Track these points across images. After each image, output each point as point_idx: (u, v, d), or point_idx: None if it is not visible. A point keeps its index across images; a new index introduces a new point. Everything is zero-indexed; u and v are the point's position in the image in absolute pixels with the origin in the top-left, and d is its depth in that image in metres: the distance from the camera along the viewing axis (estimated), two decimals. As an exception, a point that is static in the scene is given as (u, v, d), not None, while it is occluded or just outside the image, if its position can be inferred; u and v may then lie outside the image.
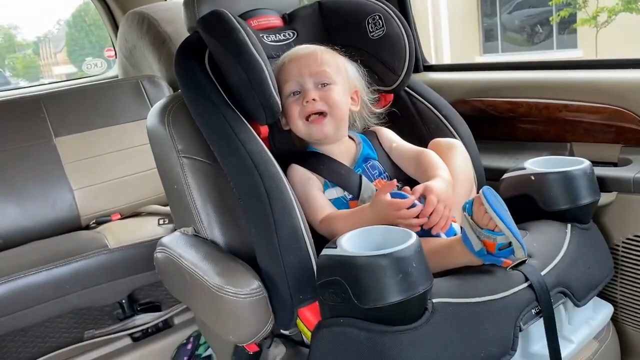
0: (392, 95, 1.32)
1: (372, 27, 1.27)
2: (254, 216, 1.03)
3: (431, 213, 0.99)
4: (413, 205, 0.99)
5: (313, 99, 1.14)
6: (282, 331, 1.09)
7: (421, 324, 0.84)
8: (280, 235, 1.00)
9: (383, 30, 1.26)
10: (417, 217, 0.99)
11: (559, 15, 9.48)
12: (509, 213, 0.91)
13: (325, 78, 1.16)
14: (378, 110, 1.28)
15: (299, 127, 1.17)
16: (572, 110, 1.31)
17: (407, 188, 1.05)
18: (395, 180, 1.04)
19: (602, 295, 1.21)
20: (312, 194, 1.13)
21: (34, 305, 1.56)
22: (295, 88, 1.17)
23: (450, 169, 1.12)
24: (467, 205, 0.92)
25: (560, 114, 1.34)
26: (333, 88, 1.16)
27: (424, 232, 1.00)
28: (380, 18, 1.26)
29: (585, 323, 1.07)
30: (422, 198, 1.01)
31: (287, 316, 1.01)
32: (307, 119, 1.16)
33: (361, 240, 0.88)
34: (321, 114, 1.15)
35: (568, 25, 10.33)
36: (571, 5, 9.50)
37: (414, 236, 0.85)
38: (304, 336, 1.06)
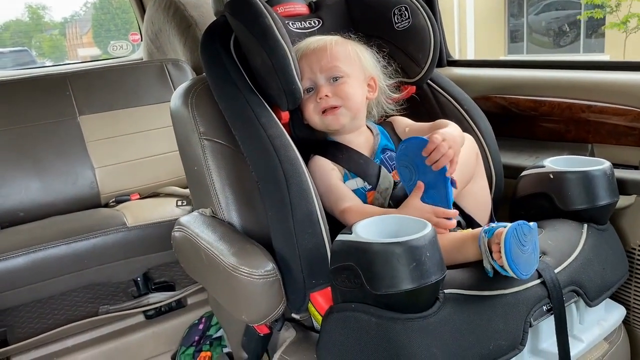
0: (414, 87, 1.33)
1: (397, 19, 1.27)
2: (271, 199, 1.04)
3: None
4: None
5: (326, 95, 1.15)
6: (293, 315, 1.10)
7: (431, 313, 0.85)
8: (296, 219, 1.01)
9: (409, 22, 1.26)
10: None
11: (590, 13, 9.28)
12: (533, 247, 0.89)
13: (337, 72, 1.17)
14: (396, 96, 1.29)
15: (316, 121, 1.19)
16: (596, 112, 1.30)
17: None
18: (422, 183, 1.04)
19: (615, 297, 1.21)
20: (334, 184, 1.14)
21: (52, 277, 1.60)
22: (308, 85, 1.18)
23: None
24: (489, 232, 0.91)
25: (583, 114, 1.32)
26: (346, 81, 1.17)
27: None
28: (406, 9, 1.26)
29: (597, 323, 1.07)
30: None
31: (299, 299, 1.03)
32: (322, 112, 1.17)
33: (376, 228, 0.88)
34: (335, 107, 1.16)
35: (596, 28, 10.17)
36: (602, 8, 9.32)
37: (429, 226, 0.85)
38: (314, 321, 1.08)
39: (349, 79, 1.17)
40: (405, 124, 1.27)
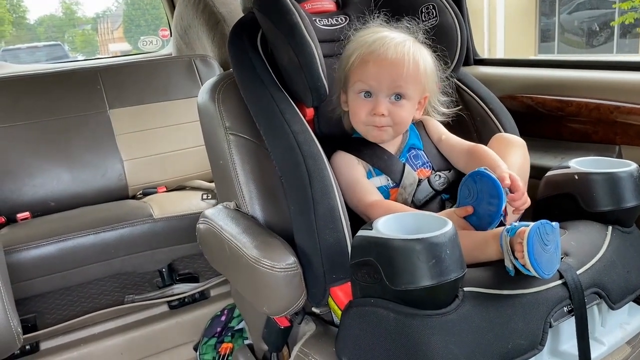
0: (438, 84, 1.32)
1: (425, 17, 1.27)
2: (294, 194, 1.05)
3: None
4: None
5: (382, 114, 1.13)
6: (313, 309, 1.11)
7: (450, 311, 0.85)
8: (318, 214, 1.02)
9: (436, 20, 1.26)
10: None
11: (623, 18, 9.08)
12: (555, 247, 0.88)
13: (402, 92, 1.13)
14: (446, 111, 1.26)
15: (360, 128, 1.18)
16: (624, 112, 1.28)
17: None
18: (471, 208, 1.04)
19: (640, 301, 1.19)
20: (359, 179, 1.15)
21: (80, 265, 1.65)
22: (368, 89, 1.14)
23: (506, 164, 1.10)
24: (511, 230, 0.91)
25: (611, 115, 1.31)
26: (404, 105, 1.14)
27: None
28: (434, 8, 1.26)
29: (619, 327, 1.06)
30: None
31: (320, 293, 1.04)
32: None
33: (397, 224, 0.89)
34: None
35: (630, 29, 9.93)
36: (637, 10, 9.09)
37: (450, 224, 0.85)
38: (334, 316, 1.09)
39: (408, 102, 1.14)
40: (439, 131, 1.25)
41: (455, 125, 1.30)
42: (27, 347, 1.63)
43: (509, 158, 1.13)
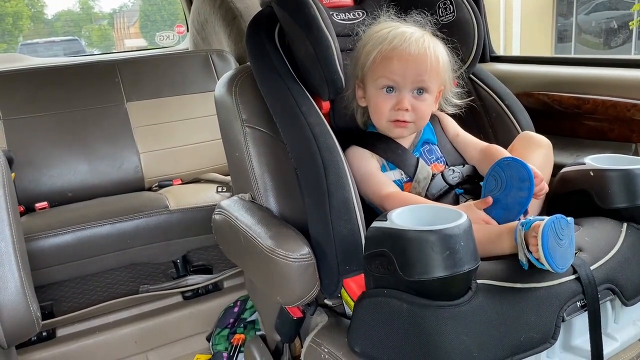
0: (455, 81, 1.33)
1: (442, 12, 1.27)
2: (309, 186, 1.06)
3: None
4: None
5: (406, 109, 1.14)
6: (326, 301, 1.12)
7: (463, 302, 0.85)
8: (332, 206, 1.03)
9: (453, 16, 1.26)
10: None
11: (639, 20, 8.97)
12: (570, 242, 0.88)
13: (425, 86, 1.15)
14: (458, 102, 1.27)
15: (382, 124, 1.19)
16: (641, 110, 1.28)
17: None
18: (490, 199, 1.05)
19: (654, 299, 1.18)
20: (373, 172, 1.16)
21: (97, 255, 1.67)
22: (391, 85, 1.15)
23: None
24: (526, 224, 0.91)
25: (628, 113, 1.30)
26: (427, 98, 1.16)
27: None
28: (451, 3, 1.27)
29: (632, 324, 1.05)
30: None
31: (333, 284, 1.04)
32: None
33: (412, 216, 0.89)
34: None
35: (650, 30, 9.81)
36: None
37: (464, 216, 0.86)
38: (346, 307, 1.09)
39: (430, 95, 1.16)
40: (455, 130, 1.26)
41: (470, 121, 1.30)
42: (44, 333, 1.66)
43: (530, 158, 1.13)
